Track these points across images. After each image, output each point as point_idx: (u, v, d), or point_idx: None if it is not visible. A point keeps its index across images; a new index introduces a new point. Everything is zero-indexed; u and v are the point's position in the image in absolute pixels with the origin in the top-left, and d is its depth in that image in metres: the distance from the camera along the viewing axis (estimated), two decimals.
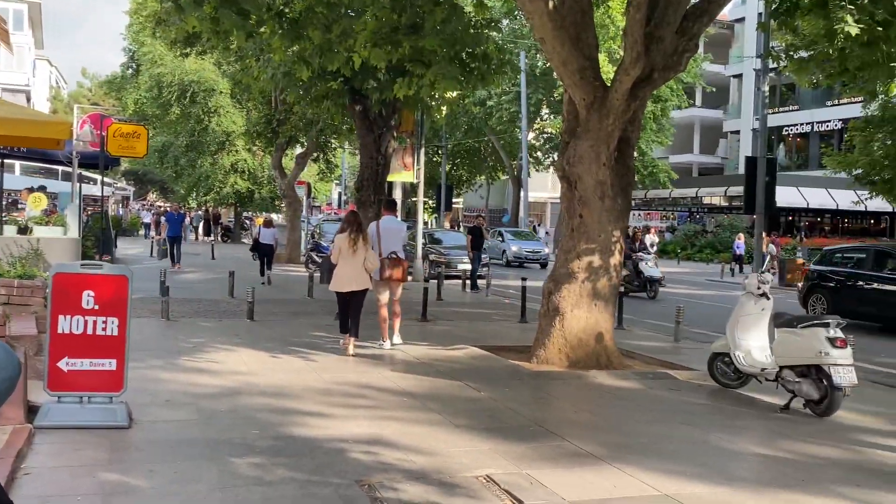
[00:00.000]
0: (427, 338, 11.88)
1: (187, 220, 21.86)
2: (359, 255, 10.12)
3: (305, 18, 12.38)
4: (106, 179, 22.81)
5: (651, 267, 20.58)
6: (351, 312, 10.33)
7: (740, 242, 33.65)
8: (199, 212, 48.01)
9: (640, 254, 21.07)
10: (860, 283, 16.08)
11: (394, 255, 10.73)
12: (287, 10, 12.48)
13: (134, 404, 6.72)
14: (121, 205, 55.67)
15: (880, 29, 8.41)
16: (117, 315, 6.40)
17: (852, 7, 7.99)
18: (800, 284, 19.25)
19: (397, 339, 10.94)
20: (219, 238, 41.49)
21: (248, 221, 51.37)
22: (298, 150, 31.30)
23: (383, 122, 19.59)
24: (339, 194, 62.13)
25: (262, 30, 12.56)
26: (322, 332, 11.96)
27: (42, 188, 22.74)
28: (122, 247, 30.11)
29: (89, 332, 6.32)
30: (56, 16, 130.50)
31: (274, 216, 38.18)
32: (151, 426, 6.40)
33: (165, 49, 31.62)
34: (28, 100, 51.29)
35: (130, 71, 39.33)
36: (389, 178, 20.29)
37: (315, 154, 31.19)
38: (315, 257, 23.07)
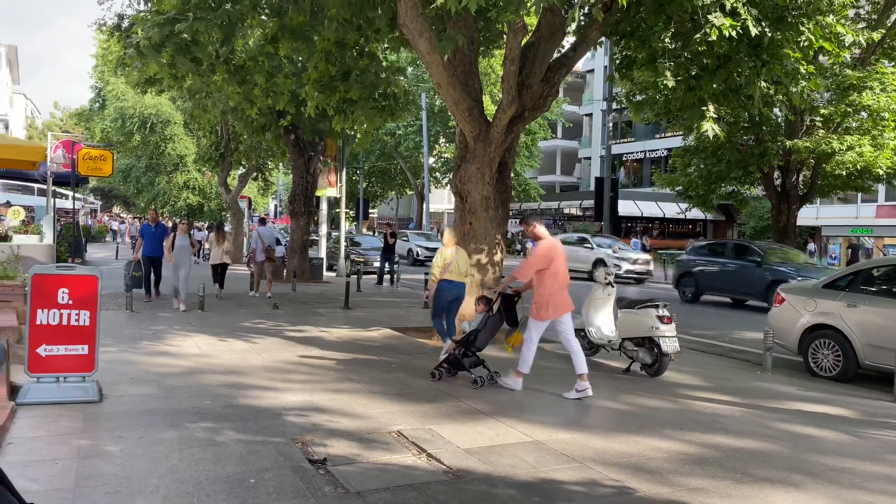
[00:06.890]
0: (349, 322, 11.77)
1: (180, 234, 13.30)
2: (221, 245, 14.88)
3: (250, 65, 12.13)
4: (77, 195, 21.69)
5: None
6: (220, 276, 15.01)
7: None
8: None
9: None
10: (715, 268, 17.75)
11: (269, 248, 15.58)
12: (233, 59, 12.15)
13: (104, 383, 6.43)
14: (89, 216, 52.75)
15: (694, 80, 8.81)
16: (88, 308, 6.10)
17: (671, 63, 8.32)
18: None
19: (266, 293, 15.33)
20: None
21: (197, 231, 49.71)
22: (241, 170, 30.58)
23: (311, 148, 19.45)
24: (275, 206, 60.89)
25: (214, 76, 12.23)
26: (261, 319, 11.70)
27: (7, 203, 21.61)
28: (91, 251, 28.86)
29: (64, 322, 6.01)
30: (31, 57, 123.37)
31: (201, 224, 37.03)
32: (119, 400, 6.13)
33: (128, 87, 30.51)
34: (6, 128, 48.19)
35: (97, 104, 37.77)
36: (317, 193, 20.07)
37: (254, 174, 30.54)
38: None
